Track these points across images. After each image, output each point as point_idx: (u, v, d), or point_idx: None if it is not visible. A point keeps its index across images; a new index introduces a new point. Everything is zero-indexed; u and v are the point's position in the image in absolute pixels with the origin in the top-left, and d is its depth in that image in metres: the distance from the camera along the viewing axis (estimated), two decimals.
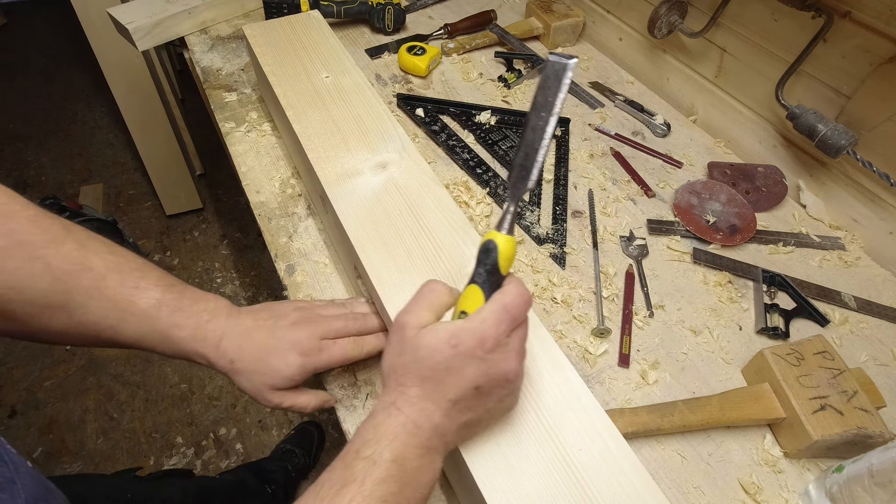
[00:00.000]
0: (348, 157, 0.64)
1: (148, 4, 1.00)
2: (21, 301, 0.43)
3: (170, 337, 0.48)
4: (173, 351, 0.49)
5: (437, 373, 0.38)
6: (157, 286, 0.48)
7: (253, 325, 0.51)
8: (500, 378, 0.39)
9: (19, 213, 0.44)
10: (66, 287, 0.44)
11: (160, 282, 0.49)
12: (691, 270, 0.73)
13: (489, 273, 0.40)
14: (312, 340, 0.51)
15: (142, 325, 0.47)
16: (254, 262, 1.93)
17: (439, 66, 1.02)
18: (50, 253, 0.44)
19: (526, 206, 0.78)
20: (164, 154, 1.81)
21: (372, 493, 0.35)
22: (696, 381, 0.61)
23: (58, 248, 0.44)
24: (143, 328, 0.47)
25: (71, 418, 1.53)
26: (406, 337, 0.39)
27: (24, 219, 0.44)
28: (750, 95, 0.87)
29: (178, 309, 0.48)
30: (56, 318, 0.45)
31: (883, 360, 0.65)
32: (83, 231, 0.48)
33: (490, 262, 0.40)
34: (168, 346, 0.49)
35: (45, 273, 0.43)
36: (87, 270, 0.45)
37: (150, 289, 0.48)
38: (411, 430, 0.38)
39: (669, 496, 0.51)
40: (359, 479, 0.35)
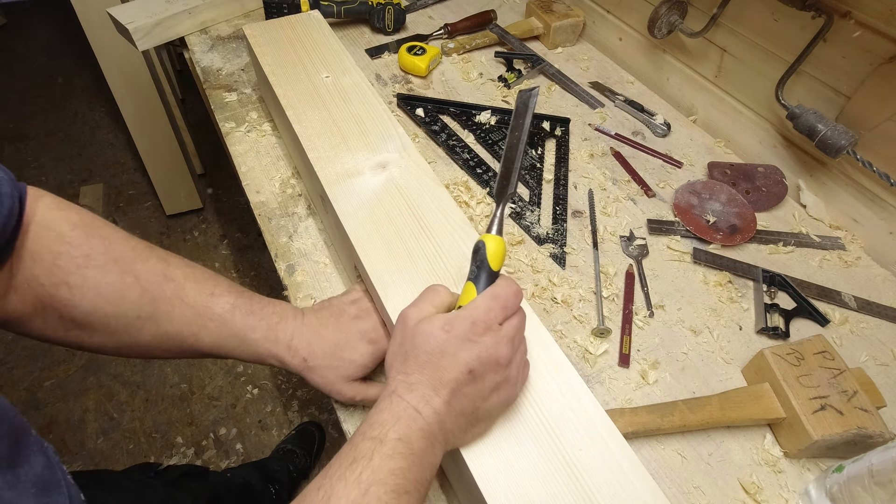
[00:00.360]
0: (348, 157, 0.64)
1: (148, 4, 1.00)
2: (116, 314, 0.47)
3: (245, 340, 0.51)
4: (249, 353, 0.52)
5: (432, 357, 0.40)
6: (229, 293, 0.52)
7: (319, 323, 0.53)
8: (492, 362, 0.41)
9: (113, 233, 0.49)
10: (153, 297, 0.48)
11: (231, 289, 0.52)
12: (691, 270, 0.73)
13: (480, 269, 0.45)
14: (377, 328, 0.54)
15: (220, 329, 0.50)
16: (254, 262, 1.93)
17: (439, 66, 1.02)
18: (138, 267, 0.48)
19: (526, 206, 0.78)
20: (164, 154, 1.81)
21: (381, 466, 0.36)
22: (696, 381, 0.61)
23: (144, 263, 0.49)
24: (221, 333, 0.50)
25: (71, 418, 1.53)
26: (407, 327, 0.43)
27: (117, 239, 0.49)
28: (750, 95, 0.87)
29: (251, 312, 0.51)
30: (146, 330, 0.49)
31: (883, 360, 0.65)
32: (162, 249, 0.52)
33: (480, 259, 0.45)
34: (244, 349, 0.51)
35: (135, 285, 0.48)
36: (170, 281, 0.50)
37: (224, 295, 0.51)
38: (413, 415, 0.39)
39: (669, 496, 0.51)
40: (367, 456, 0.37)
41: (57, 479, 0.36)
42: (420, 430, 0.39)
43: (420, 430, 0.39)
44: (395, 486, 0.36)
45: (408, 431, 0.38)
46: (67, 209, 0.48)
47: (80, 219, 0.48)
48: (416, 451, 0.38)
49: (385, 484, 0.35)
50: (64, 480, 0.37)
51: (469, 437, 0.43)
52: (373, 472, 0.36)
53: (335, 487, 0.35)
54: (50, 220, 0.46)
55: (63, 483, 0.37)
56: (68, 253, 0.46)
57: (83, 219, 0.48)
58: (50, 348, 1.67)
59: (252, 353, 0.51)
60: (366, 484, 0.35)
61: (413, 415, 0.39)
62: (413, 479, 0.37)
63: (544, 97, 0.97)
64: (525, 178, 0.82)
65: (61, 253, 0.46)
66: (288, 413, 1.56)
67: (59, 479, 0.37)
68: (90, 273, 0.46)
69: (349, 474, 0.36)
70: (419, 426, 0.39)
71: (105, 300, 0.46)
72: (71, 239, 0.46)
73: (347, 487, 0.35)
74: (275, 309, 0.53)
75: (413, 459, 0.38)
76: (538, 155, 0.86)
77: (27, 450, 0.35)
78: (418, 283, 0.53)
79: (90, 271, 0.46)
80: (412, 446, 0.38)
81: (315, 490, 0.36)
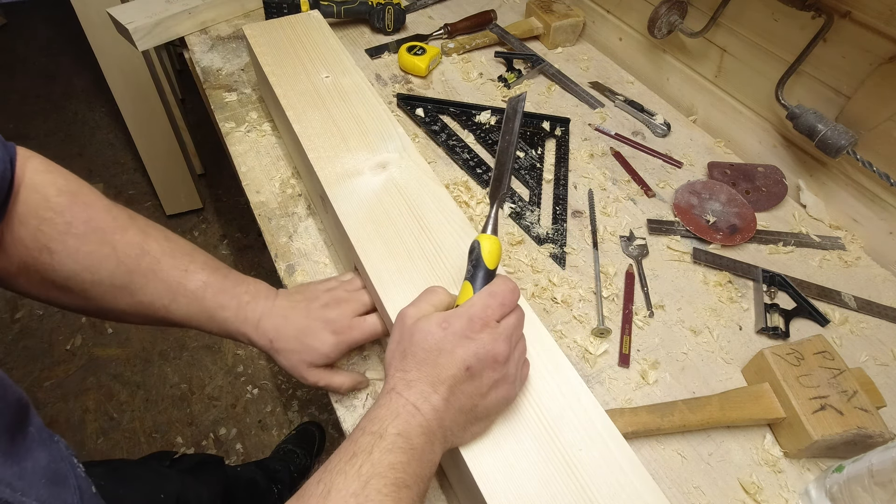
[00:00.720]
0: (348, 157, 0.64)
1: (148, 4, 1.00)
2: (93, 281, 0.49)
3: (214, 317, 0.52)
4: (219, 329, 0.53)
5: (430, 354, 0.40)
6: (203, 269, 0.53)
7: (288, 307, 0.54)
8: (490, 359, 0.41)
9: (96, 202, 0.50)
10: (128, 269, 0.50)
11: (206, 265, 0.53)
12: (691, 270, 0.73)
13: (476, 268, 0.45)
14: (344, 319, 0.54)
15: (191, 305, 0.52)
16: (254, 262, 1.93)
17: (439, 66, 1.02)
18: (117, 238, 0.50)
19: (526, 206, 0.78)
20: (164, 154, 1.81)
21: (380, 460, 0.36)
22: (696, 381, 0.61)
23: (123, 235, 0.50)
24: (192, 308, 0.52)
25: (71, 418, 1.53)
26: (405, 325, 0.43)
27: (99, 208, 0.50)
28: (750, 95, 0.87)
29: (222, 290, 0.53)
30: (121, 298, 0.50)
31: (883, 360, 0.65)
32: (144, 220, 0.53)
33: (475, 258, 0.46)
34: (214, 324, 0.53)
35: (112, 256, 0.49)
36: (146, 255, 0.51)
37: (198, 272, 0.52)
38: (412, 411, 0.39)
39: (669, 496, 0.51)
40: (366, 450, 0.37)
41: (64, 473, 0.37)
42: (419, 427, 0.39)
43: (419, 426, 0.39)
44: (395, 480, 0.36)
45: (407, 427, 0.38)
46: (55, 172, 0.49)
47: (66, 184, 0.49)
48: (416, 447, 0.38)
49: (385, 477, 0.36)
50: (73, 474, 0.37)
51: (468, 435, 0.43)
52: (372, 465, 0.36)
53: (335, 481, 0.35)
54: (38, 183, 0.47)
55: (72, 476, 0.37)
56: (52, 219, 0.47)
57: (69, 184, 0.49)
58: (50, 348, 1.67)
59: (222, 329, 0.53)
60: (365, 477, 0.35)
61: (412, 411, 0.39)
62: (413, 473, 0.37)
63: (544, 97, 0.97)
64: (525, 178, 0.82)
65: (45, 219, 0.47)
66: (288, 413, 1.56)
67: (66, 472, 0.37)
68: (70, 241, 0.47)
69: (349, 468, 0.36)
70: (418, 422, 0.39)
71: (83, 267, 0.48)
72: (55, 205, 0.47)
73: (347, 480, 0.35)
74: (247, 288, 0.54)
75: (413, 454, 0.38)
76: (538, 155, 0.86)
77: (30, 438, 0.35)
78: (418, 283, 0.53)
79: (70, 239, 0.47)
80: (412, 441, 0.38)
81: (315, 484, 0.36)
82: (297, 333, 0.53)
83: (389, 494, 0.35)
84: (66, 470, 0.37)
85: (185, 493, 0.81)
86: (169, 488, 0.78)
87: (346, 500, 0.34)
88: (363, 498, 0.34)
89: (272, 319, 0.53)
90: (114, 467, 0.76)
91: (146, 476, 0.78)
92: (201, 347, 1.69)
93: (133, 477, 0.76)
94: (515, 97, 0.54)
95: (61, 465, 0.37)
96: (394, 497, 0.35)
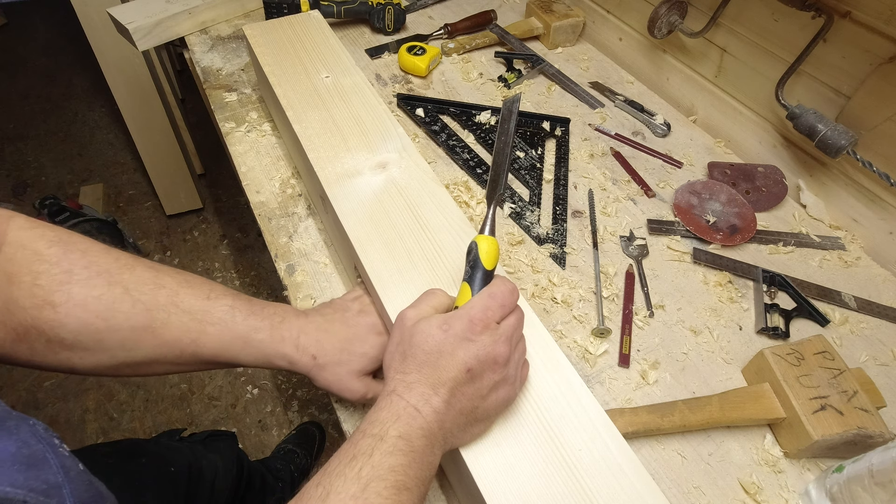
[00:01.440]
0: (348, 157, 0.64)
1: (148, 4, 1.00)
2: (108, 328, 0.45)
3: (250, 341, 0.49)
4: (255, 356, 0.50)
5: (430, 356, 0.40)
6: (226, 295, 0.50)
7: (324, 320, 0.52)
8: (490, 360, 0.41)
9: (92, 247, 0.47)
10: (146, 306, 0.46)
11: (227, 291, 0.51)
12: (691, 270, 0.73)
13: (474, 270, 0.45)
14: (381, 322, 0.54)
15: (222, 333, 0.48)
16: (254, 262, 1.93)
17: (439, 66, 1.02)
18: (126, 277, 0.47)
19: (526, 206, 0.78)
20: (164, 154, 1.81)
21: (381, 463, 0.36)
22: (696, 381, 0.61)
23: (132, 272, 0.47)
24: (223, 337, 0.48)
25: (71, 418, 1.53)
26: (405, 327, 0.43)
27: (97, 251, 0.47)
28: (750, 95, 0.87)
29: (252, 313, 0.50)
30: (143, 342, 0.46)
31: (883, 360, 0.65)
32: (148, 259, 0.50)
33: (472, 259, 0.46)
34: (249, 351, 0.49)
35: (125, 296, 0.46)
36: (161, 287, 0.48)
37: (221, 297, 0.50)
38: (412, 413, 0.39)
39: (669, 496, 0.52)
40: (367, 453, 0.37)
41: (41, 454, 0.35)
42: (420, 429, 0.39)
43: (420, 428, 0.39)
44: (396, 483, 0.36)
45: (408, 429, 0.38)
46: (41, 227, 0.46)
47: (55, 235, 0.46)
48: (417, 449, 0.38)
49: (385, 480, 0.35)
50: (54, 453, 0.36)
51: (468, 436, 0.43)
52: (373, 468, 0.36)
53: (334, 483, 0.35)
54: (24, 240, 0.44)
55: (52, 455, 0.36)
56: (48, 271, 0.44)
57: (59, 235, 0.46)
58: None
59: (258, 355, 0.50)
60: (365, 480, 0.35)
61: (413, 413, 0.39)
62: (413, 476, 0.37)
63: (544, 97, 0.97)
64: (525, 178, 0.82)
65: (41, 272, 0.44)
66: (288, 413, 1.56)
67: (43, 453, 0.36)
68: (75, 289, 0.44)
69: (348, 471, 0.36)
70: (419, 425, 0.39)
71: (94, 315, 0.44)
72: (49, 256, 0.44)
73: (347, 483, 0.35)
74: (275, 310, 0.52)
75: (413, 457, 0.37)
76: (538, 155, 0.86)
77: None
78: (418, 283, 0.53)
79: (74, 287, 0.44)
80: (412, 444, 0.38)
81: (314, 487, 0.36)
82: (343, 344, 0.51)
83: (390, 497, 0.35)
84: (44, 451, 0.36)
85: (196, 462, 0.80)
86: (179, 460, 0.77)
87: (346, 502, 0.34)
88: (363, 501, 0.34)
89: (312, 335, 0.50)
90: (122, 447, 0.75)
91: (155, 451, 0.77)
92: None
93: (142, 453, 0.75)
94: (510, 99, 0.54)
95: (37, 448, 0.36)
96: (394, 500, 0.35)
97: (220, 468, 0.86)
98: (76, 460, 0.39)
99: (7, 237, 0.44)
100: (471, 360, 0.40)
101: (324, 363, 0.50)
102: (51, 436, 0.38)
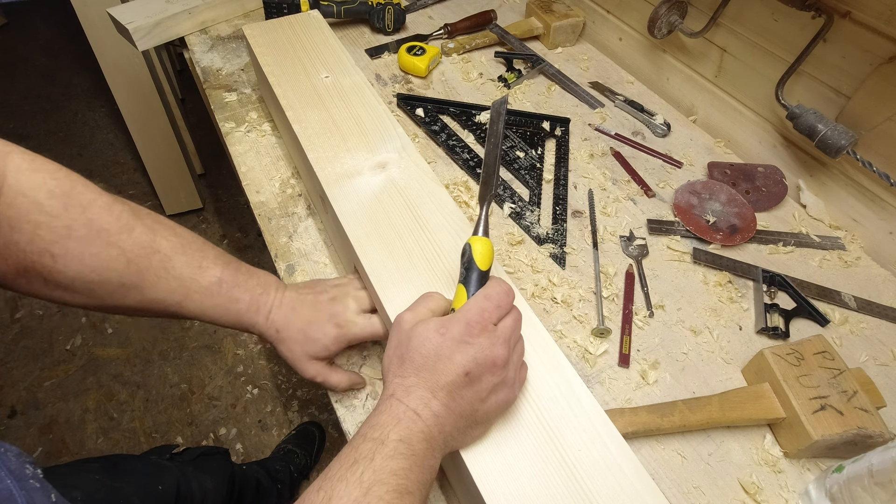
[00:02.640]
0: (348, 157, 0.64)
1: (148, 4, 1.00)
2: (100, 282, 0.48)
3: (229, 310, 0.53)
4: (230, 322, 0.53)
5: (428, 360, 0.40)
6: (216, 264, 0.53)
7: (297, 298, 0.55)
8: (489, 363, 0.41)
9: (94, 201, 0.48)
10: (139, 268, 0.49)
11: (218, 260, 0.53)
12: (691, 270, 0.72)
13: (469, 271, 0.46)
14: (348, 313, 0.55)
15: (205, 300, 0.52)
16: (254, 262, 1.90)
17: (439, 66, 1.02)
18: (123, 238, 0.48)
19: (526, 206, 0.78)
20: (164, 154, 1.81)
21: (382, 466, 0.36)
22: (696, 381, 0.61)
23: (129, 234, 0.49)
24: (206, 303, 0.52)
25: (71, 418, 1.53)
26: (402, 330, 0.43)
27: (99, 207, 0.48)
28: (750, 95, 0.87)
29: (236, 284, 0.53)
30: (130, 296, 0.49)
31: (883, 360, 0.65)
32: (149, 215, 0.52)
33: (467, 260, 0.46)
34: (227, 317, 0.53)
35: (121, 257, 0.48)
36: (156, 253, 0.50)
37: (211, 267, 0.52)
38: (412, 417, 0.39)
39: (669, 496, 0.52)
40: (368, 456, 0.37)
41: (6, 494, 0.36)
42: (420, 433, 0.38)
43: (420, 432, 0.38)
44: (398, 486, 0.36)
45: (408, 433, 0.38)
46: (41, 170, 0.46)
47: (56, 184, 0.46)
48: (418, 453, 0.38)
49: (387, 484, 0.35)
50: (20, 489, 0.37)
51: (468, 439, 0.43)
52: (374, 472, 0.36)
53: (336, 488, 0.35)
54: (24, 186, 0.45)
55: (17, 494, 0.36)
56: (48, 224, 0.45)
57: (60, 184, 0.46)
58: (50, 348, 1.67)
59: (233, 321, 0.53)
60: (367, 484, 0.35)
61: (413, 417, 0.39)
62: (415, 479, 0.37)
63: (544, 97, 0.97)
64: (525, 178, 0.82)
65: (41, 223, 0.45)
66: (288, 413, 1.56)
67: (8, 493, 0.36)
68: (73, 244, 0.46)
69: (350, 475, 0.36)
70: (419, 428, 0.39)
71: (89, 270, 0.47)
72: (49, 209, 0.45)
73: (349, 488, 0.35)
74: (259, 280, 0.55)
75: (414, 460, 0.37)
76: (538, 155, 0.86)
77: None
78: (417, 284, 0.53)
79: (73, 242, 0.46)
80: (413, 447, 0.38)
81: (315, 492, 0.36)
82: (303, 325, 0.53)
83: (392, 501, 0.35)
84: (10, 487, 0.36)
85: (185, 482, 0.80)
86: (168, 480, 0.78)
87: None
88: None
89: (281, 310, 0.53)
90: (111, 462, 0.76)
91: (144, 469, 0.77)
92: (201, 347, 1.69)
93: (130, 470, 0.76)
94: (498, 101, 0.55)
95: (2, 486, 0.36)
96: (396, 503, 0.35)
97: (210, 489, 0.86)
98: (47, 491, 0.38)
99: (7, 179, 0.44)
100: (469, 364, 0.40)
101: (284, 337, 0.53)
102: (23, 464, 0.38)
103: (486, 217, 0.48)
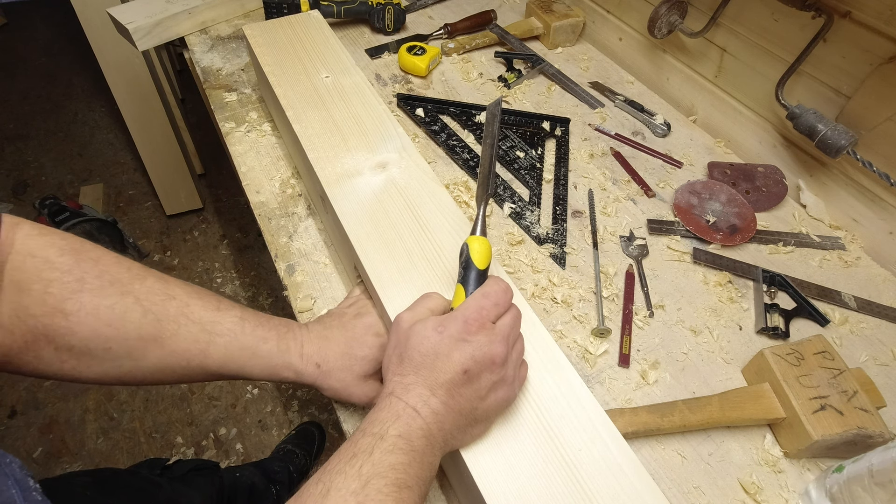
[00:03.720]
0: (348, 157, 0.64)
1: (148, 4, 1.00)
2: (118, 337, 0.45)
3: (257, 352, 0.49)
4: (262, 367, 0.50)
5: (426, 358, 0.40)
6: (234, 307, 0.51)
7: (324, 327, 0.53)
8: (487, 361, 0.41)
9: (104, 256, 0.47)
10: (157, 316, 0.46)
11: (235, 304, 0.52)
12: (691, 270, 0.72)
13: (467, 271, 0.46)
14: (380, 322, 0.54)
15: (230, 343, 0.49)
16: (254, 262, 1.93)
17: (439, 66, 1.02)
18: (137, 287, 0.47)
19: (526, 206, 0.78)
20: (164, 154, 1.81)
21: (381, 460, 0.36)
22: (696, 381, 0.61)
23: (143, 282, 0.47)
24: (231, 346, 0.49)
25: (71, 418, 1.53)
26: (401, 329, 0.43)
27: (109, 261, 0.47)
28: (750, 95, 0.87)
29: (259, 324, 0.50)
30: (150, 352, 0.46)
31: (883, 360, 0.65)
32: (157, 271, 0.50)
33: (465, 260, 0.46)
34: (256, 362, 0.50)
35: (136, 305, 0.46)
36: (172, 299, 0.48)
37: (230, 309, 0.50)
38: (412, 414, 0.39)
39: (669, 496, 0.52)
40: (367, 451, 0.37)
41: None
42: (420, 430, 0.39)
43: (419, 429, 0.39)
44: (396, 480, 0.36)
45: (408, 429, 0.38)
46: (50, 234, 0.46)
47: (66, 243, 0.45)
48: (417, 449, 0.38)
49: (385, 477, 0.35)
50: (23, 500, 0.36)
51: (468, 437, 0.43)
52: (373, 465, 0.36)
53: (335, 480, 0.35)
54: (33, 248, 0.44)
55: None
56: (60, 279, 0.43)
57: (70, 243, 0.46)
58: None
59: (265, 367, 0.50)
60: (366, 477, 0.35)
61: (412, 414, 0.39)
62: (414, 475, 0.37)
63: (544, 97, 0.97)
64: (525, 178, 0.82)
65: (53, 280, 0.43)
66: (288, 413, 1.56)
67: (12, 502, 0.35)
68: (86, 297, 0.44)
69: (349, 468, 0.36)
70: (419, 425, 0.39)
71: (105, 324, 0.44)
72: (60, 265, 0.44)
73: (347, 480, 0.35)
74: (279, 321, 0.52)
75: (413, 456, 0.37)
76: (538, 155, 0.86)
77: None
78: (418, 283, 0.53)
79: (86, 295, 0.44)
80: (412, 444, 0.38)
81: (314, 484, 0.36)
82: (343, 348, 0.51)
83: (390, 494, 0.35)
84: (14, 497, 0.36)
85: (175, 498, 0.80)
86: (158, 496, 0.78)
87: (346, 499, 0.34)
88: (363, 497, 0.34)
89: (314, 343, 0.51)
90: (102, 477, 0.75)
91: (135, 485, 0.77)
92: None
93: (122, 486, 0.75)
94: (493, 102, 0.55)
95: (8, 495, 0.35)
96: (395, 497, 0.35)
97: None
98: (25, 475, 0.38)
99: (14, 245, 0.43)
100: (467, 361, 0.40)
101: (328, 370, 0.50)
102: (26, 476, 0.38)
103: (483, 217, 0.48)
